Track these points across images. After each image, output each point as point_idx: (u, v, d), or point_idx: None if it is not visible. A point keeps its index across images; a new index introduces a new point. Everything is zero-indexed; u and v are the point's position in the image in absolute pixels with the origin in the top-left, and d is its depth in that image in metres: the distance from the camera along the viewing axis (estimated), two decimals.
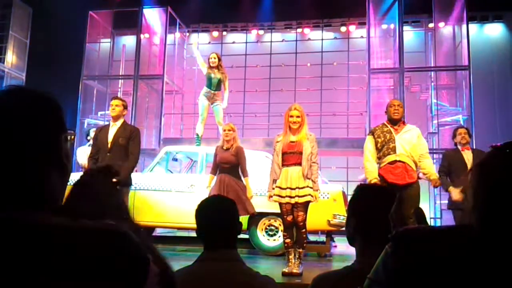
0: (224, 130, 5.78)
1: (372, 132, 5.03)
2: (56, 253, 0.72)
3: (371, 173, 4.81)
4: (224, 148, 5.69)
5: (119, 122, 5.12)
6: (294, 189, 4.59)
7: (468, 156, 5.58)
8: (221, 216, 1.72)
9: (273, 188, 4.72)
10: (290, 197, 4.59)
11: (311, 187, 4.62)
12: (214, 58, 7.83)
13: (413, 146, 4.81)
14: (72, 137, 5.23)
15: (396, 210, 1.69)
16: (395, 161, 4.74)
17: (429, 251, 0.82)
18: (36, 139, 0.81)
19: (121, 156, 4.92)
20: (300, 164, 4.63)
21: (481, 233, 0.82)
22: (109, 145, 4.97)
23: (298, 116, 4.71)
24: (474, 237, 0.83)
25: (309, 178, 4.62)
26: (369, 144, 4.95)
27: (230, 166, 5.62)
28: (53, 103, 0.87)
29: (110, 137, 5.01)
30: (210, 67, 7.82)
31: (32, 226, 0.74)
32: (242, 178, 5.73)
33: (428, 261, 0.80)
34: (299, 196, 4.57)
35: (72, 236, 0.74)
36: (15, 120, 0.81)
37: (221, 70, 7.86)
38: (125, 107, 5.26)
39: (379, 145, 4.86)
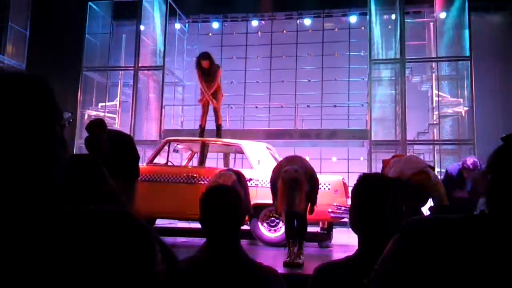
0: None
1: None
2: (65, 240, 0.72)
3: None
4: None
5: (106, 144, 4.89)
6: None
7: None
8: (225, 206, 1.71)
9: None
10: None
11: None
12: (206, 61, 7.50)
13: None
14: (71, 120, 4.92)
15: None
16: None
17: (441, 241, 0.81)
18: (24, 126, 0.75)
19: (123, 166, 4.86)
20: None
21: (496, 222, 0.81)
22: (108, 161, 4.78)
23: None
24: (488, 226, 0.82)
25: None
26: None
27: None
28: (43, 87, 0.80)
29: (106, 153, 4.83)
30: (202, 74, 7.57)
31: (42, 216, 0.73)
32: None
33: (441, 251, 0.79)
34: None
35: (79, 221, 0.74)
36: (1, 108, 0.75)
37: (212, 71, 7.59)
38: (104, 130, 4.89)
39: None
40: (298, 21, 13.17)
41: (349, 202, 6.12)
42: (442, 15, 10.97)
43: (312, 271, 1.58)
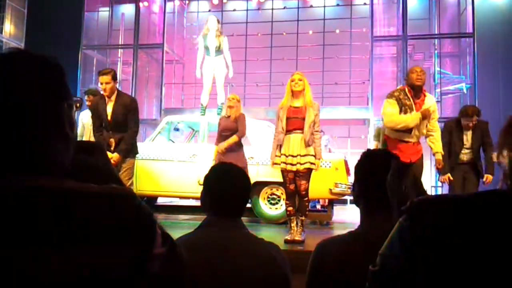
0: (230, 99, 5.70)
1: (394, 97, 4.61)
2: (66, 216, 0.72)
3: (412, 119, 4.47)
4: (226, 116, 5.67)
5: (113, 97, 4.94)
6: (296, 156, 4.58)
7: (467, 134, 5.43)
8: (234, 184, 1.70)
9: (277, 156, 4.72)
10: (292, 164, 4.60)
11: (312, 155, 4.61)
12: (212, 23, 7.66)
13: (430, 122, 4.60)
14: (78, 104, 4.94)
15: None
16: (407, 141, 4.54)
17: (449, 221, 0.75)
18: (37, 103, 0.79)
19: (122, 131, 4.89)
20: (302, 130, 4.60)
21: None
22: (109, 122, 4.88)
23: (300, 80, 4.66)
24: (502, 204, 0.76)
25: (310, 145, 4.60)
26: (393, 108, 4.55)
27: (230, 133, 5.58)
28: (57, 68, 0.85)
29: (109, 114, 4.88)
30: (205, 34, 7.67)
31: (43, 189, 0.74)
32: (243, 149, 5.70)
33: (449, 232, 0.74)
34: (300, 164, 4.58)
35: (82, 199, 0.74)
36: (16, 83, 0.79)
37: (218, 34, 7.71)
38: (115, 79, 4.95)
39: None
40: None
41: (350, 180, 6.13)
42: None
43: (315, 246, 1.58)
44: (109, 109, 4.91)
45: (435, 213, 0.78)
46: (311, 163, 4.60)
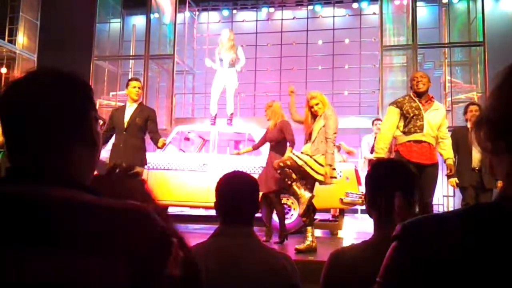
0: (265, 110, 5.89)
1: (397, 104, 4.64)
2: (79, 228, 0.73)
3: (380, 150, 4.60)
4: (271, 126, 5.73)
5: (137, 103, 5.27)
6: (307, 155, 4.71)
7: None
8: (243, 192, 1.71)
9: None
10: (299, 158, 4.71)
11: (320, 164, 4.66)
12: (224, 37, 7.84)
13: (439, 126, 4.61)
14: (102, 122, 5.13)
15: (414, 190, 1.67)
16: (421, 141, 4.49)
17: (441, 242, 0.71)
18: (65, 113, 0.84)
19: (136, 135, 5.07)
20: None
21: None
22: (125, 125, 5.08)
23: (317, 104, 4.75)
24: (494, 215, 0.72)
25: (321, 154, 4.66)
26: (393, 116, 4.60)
27: (274, 143, 5.66)
28: (84, 83, 0.92)
29: (127, 117, 5.15)
30: (221, 47, 7.83)
31: (59, 201, 0.75)
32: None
33: (441, 254, 0.70)
34: (309, 155, 4.69)
35: (96, 212, 0.75)
36: (46, 95, 0.83)
37: (232, 47, 7.86)
38: (141, 88, 5.53)
39: (406, 121, 4.57)
40: (308, 8, 13.05)
41: (361, 189, 6.11)
42: None
43: (328, 256, 1.58)
44: (128, 114, 5.14)
45: (430, 236, 0.73)
46: (313, 170, 4.64)
